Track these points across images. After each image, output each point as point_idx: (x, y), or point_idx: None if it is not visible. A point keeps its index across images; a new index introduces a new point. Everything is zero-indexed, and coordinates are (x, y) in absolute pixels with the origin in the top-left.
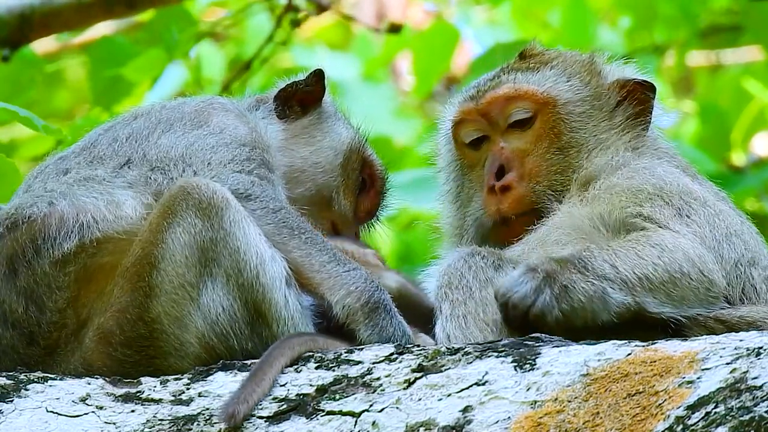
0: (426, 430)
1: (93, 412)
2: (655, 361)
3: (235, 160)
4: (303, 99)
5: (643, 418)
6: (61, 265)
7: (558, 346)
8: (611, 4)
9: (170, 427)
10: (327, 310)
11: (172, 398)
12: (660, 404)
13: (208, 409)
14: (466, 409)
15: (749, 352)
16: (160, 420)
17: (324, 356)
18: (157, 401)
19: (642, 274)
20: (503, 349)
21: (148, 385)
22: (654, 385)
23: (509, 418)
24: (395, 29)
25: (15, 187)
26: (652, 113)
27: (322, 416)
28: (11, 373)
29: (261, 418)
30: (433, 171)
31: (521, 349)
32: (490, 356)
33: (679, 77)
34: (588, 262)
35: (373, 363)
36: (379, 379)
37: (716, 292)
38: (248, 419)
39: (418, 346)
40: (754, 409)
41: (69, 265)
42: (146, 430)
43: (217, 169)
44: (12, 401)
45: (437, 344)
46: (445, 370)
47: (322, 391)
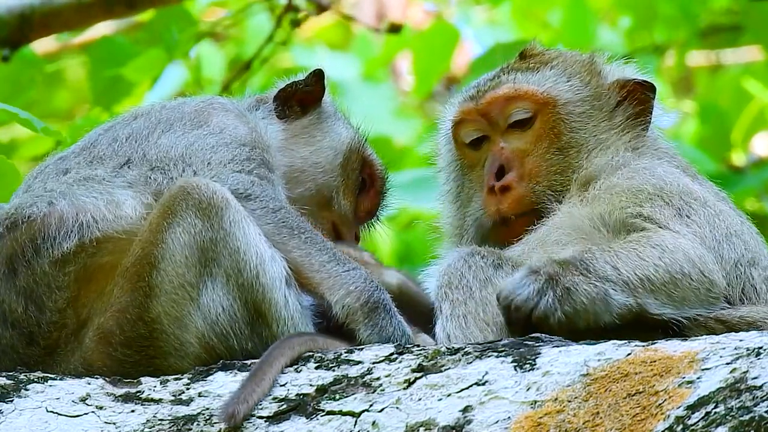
0: (426, 430)
1: (93, 412)
2: (655, 361)
3: (235, 160)
4: (303, 99)
5: (643, 418)
6: (61, 265)
7: (558, 346)
8: (611, 4)
9: (170, 427)
10: (327, 310)
11: (172, 398)
12: (660, 404)
13: (208, 409)
14: (466, 409)
15: (749, 352)
16: (160, 420)
17: (324, 356)
18: (157, 401)
19: (643, 275)
20: (503, 349)
21: (148, 385)
22: (654, 385)
23: (509, 418)
24: (395, 29)
25: (15, 187)
26: (652, 113)
27: (322, 416)
28: (11, 373)
29: (261, 418)
30: (433, 171)
31: (521, 349)
32: (490, 356)
33: (679, 77)
34: (590, 264)
35: (373, 363)
36: (379, 379)
37: (717, 293)
38: (248, 419)
39: (418, 346)
40: (754, 409)
41: (69, 265)
42: (146, 430)
43: (217, 169)
44: (12, 401)
45: (437, 344)
46: (445, 370)
47: (322, 391)
